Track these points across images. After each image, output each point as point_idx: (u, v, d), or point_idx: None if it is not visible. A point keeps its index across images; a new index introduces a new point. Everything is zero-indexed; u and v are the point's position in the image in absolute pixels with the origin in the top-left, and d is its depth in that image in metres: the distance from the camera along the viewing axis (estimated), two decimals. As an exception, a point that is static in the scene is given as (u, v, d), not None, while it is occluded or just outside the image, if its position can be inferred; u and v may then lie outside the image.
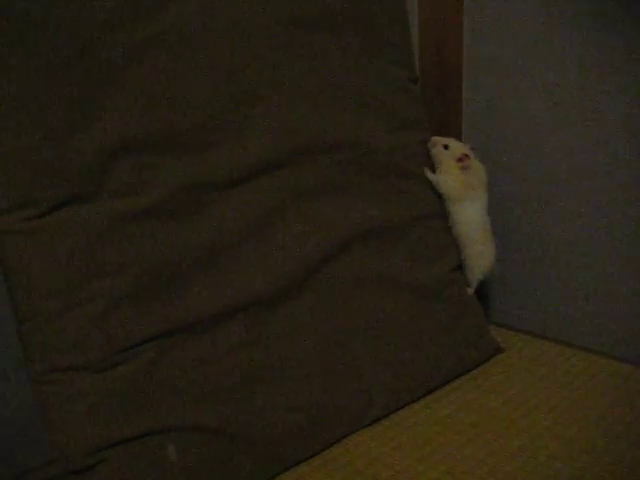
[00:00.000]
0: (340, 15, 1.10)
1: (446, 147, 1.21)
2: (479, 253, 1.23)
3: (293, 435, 0.97)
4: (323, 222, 1.05)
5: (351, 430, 1.04)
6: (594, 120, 1.21)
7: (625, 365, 1.20)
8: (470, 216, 1.21)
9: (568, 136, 1.25)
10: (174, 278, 0.91)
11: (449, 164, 1.20)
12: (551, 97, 1.27)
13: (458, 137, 1.41)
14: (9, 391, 1.07)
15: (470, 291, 1.24)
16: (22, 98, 0.82)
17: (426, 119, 1.24)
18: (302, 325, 1.01)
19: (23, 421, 1.08)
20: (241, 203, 0.97)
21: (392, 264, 1.12)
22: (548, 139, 1.29)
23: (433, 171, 1.22)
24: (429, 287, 1.16)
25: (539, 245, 1.36)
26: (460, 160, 1.19)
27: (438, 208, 1.21)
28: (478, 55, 1.38)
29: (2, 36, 0.81)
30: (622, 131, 1.18)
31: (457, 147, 1.21)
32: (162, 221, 0.90)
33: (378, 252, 1.11)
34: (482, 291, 1.37)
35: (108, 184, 0.87)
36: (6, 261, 0.83)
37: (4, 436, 1.07)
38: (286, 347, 0.99)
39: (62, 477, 0.87)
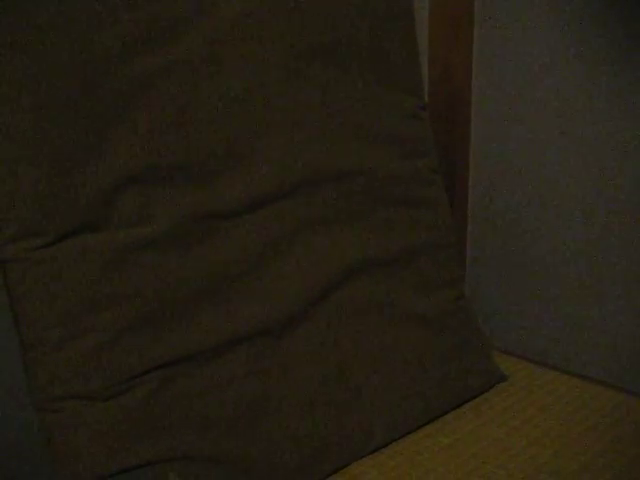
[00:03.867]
0: (351, 45, 1.10)
1: None
2: None
3: (295, 465, 0.97)
4: (328, 251, 1.05)
5: (352, 459, 1.04)
6: (601, 149, 1.21)
7: (630, 397, 1.19)
8: None
9: (576, 164, 1.25)
10: (179, 307, 0.91)
11: None
12: (560, 126, 1.27)
13: (465, 164, 1.42)
14: (19, 414, 1.07)
15: None
16: (30, 130, 0.83)
17: (434, 147, 1.24)
18: (306, 355, 1.01)
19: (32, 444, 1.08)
20: (246, 233, 0.98)
21: (397, 293, 1.12)
22: (555, 169, 1.29)
23: None
24: (433, 316, 1.16)
25: (544, 274, 1.36)
26: None
27: (445, 237, 1.21)
28: (487, 83, 1.39)
29: (10, 69, 0.82)
30: (632, 160, 1.17)
31: None
32: (168, 251, 0.91)
33: (383, 281, 1.11)
34: (487, 317, 1.37)
35: (115, 215, 0.88)
36: (12, 289, 0.84)
37: (13, 458, 1.07)
38: (289, 377, 0.99)
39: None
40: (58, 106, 0.85)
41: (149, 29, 0.91)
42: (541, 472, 1.00)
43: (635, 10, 1.13)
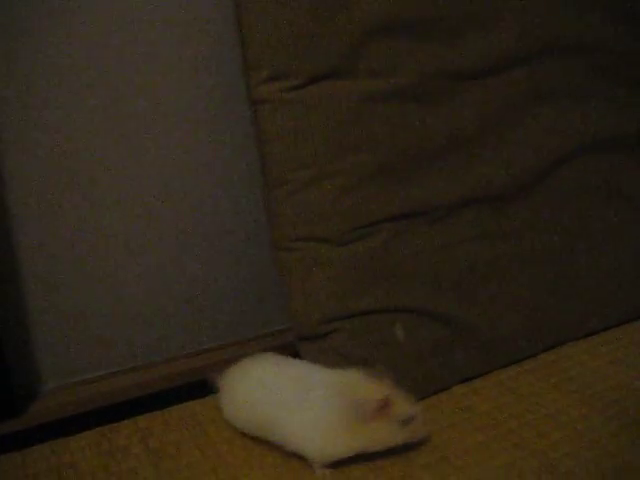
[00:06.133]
0: None
1: None
2: None
3: (512, 335, 0.97)
4: (560, 125, 1.02)
5: (566, 339, 1.03)
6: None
7: None
8: None
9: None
10: (416, 162, 0.91)
11: None
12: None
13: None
14: (251, 255, 1.11)
15: None
16: None
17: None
18: (530, 225, 1.00)
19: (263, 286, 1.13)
20: (484, 95, 0.96)
21: (622, 176, 1.08)
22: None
23: None
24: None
25: None
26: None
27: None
28: None
29: None
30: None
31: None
32: (410, 104, 0.91)
33: (610, 162, 1.07)
34: None
35: (363, 63, 0.88)
36: (261, 129, 0.86)
37: (244, 298, 1.12)
38: (513, 246, 0.98)
39: (294, 344, 0.91)
40: None
41: None
42: None
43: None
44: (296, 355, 0.89)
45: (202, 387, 0.92)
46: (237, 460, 0.82)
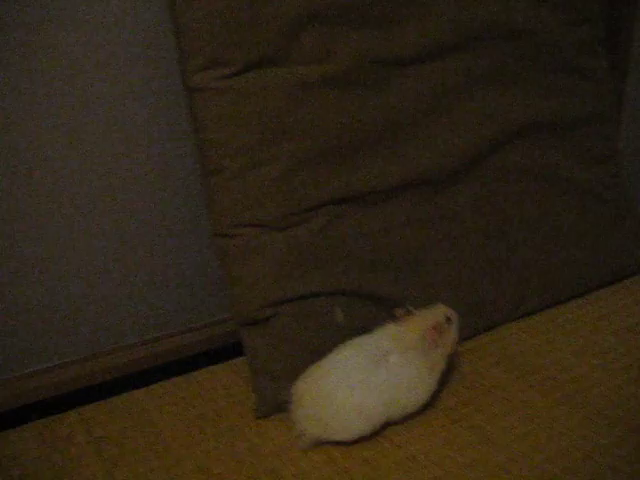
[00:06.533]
0: None
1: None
2: None
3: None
4: (494, 109, 1.04)
5: (505, 320, 1.05)
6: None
7: None
8: None
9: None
10: (351, 148, 0.93)
11: None
12: None
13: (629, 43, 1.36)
14: (194, 244, 1.11)
15: None
16: None
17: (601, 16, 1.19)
18: (466, 208, 1.02)
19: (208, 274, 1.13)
20: (418, 82, 0.98)
21: (557, 160, 1.11)
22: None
23: None
24: (591, 187, 1.14)
25: None
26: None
27: (607, 112, 1.17)
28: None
29: None
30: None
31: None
32: (344, 91, 0.92)
33: (544, 146, 1.10)
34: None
35: (296, 50, 0.89)
36: (197, 117, 0.87)
37: (189, 287, 1.12)
38: (450, 229, 1.01)
39: (236, 332, 0.92)
40: None
41: None
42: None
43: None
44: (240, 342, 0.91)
45: (145, 376, 0.93)
46: (180, 445, 0.83)
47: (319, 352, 0.85)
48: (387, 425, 0.84)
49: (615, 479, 0.74)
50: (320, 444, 0.82)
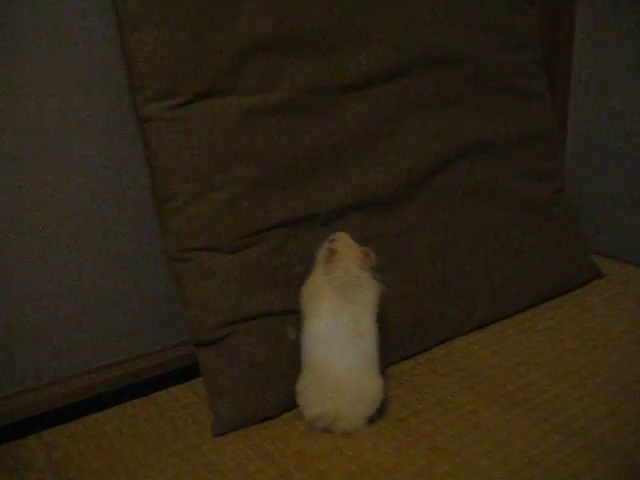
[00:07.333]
0: None
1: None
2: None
3: (402, 331, 1.03)
4: (438, 131, 1.09)
5: (455, 334, 1.09)
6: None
7: None
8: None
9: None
10: (298, 171, 0.97)
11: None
12: None
13: (568, 65, 1.42)
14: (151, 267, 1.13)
15: None
16: None
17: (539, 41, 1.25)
18: (414, 228, 1.06)
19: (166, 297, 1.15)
20: (362, 107, 1.02)
21: (501, 178, 1.16)
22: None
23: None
24: (535, 203, 1.19)
25: None
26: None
27: (548, 131, 1.23)
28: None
29: None
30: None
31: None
32: (289, 118, 0.96)
33: (488, 165, 1.15)
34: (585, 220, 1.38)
35: (242, 80, 0.93)
36: (149, 145, 0.90)
37: (148, 310, 1.14)
38: (398, 247, 1.05)
39: (192, 355, 0.94)
40: None
41: None
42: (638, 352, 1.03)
43: None
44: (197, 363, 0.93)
45: (106, 399, 0.94)
46: (139, 465, 0.85)
47: (273, 370, 0.88)
48: (339, 437, 0.87)
49: (556, 480, 0.78)
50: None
